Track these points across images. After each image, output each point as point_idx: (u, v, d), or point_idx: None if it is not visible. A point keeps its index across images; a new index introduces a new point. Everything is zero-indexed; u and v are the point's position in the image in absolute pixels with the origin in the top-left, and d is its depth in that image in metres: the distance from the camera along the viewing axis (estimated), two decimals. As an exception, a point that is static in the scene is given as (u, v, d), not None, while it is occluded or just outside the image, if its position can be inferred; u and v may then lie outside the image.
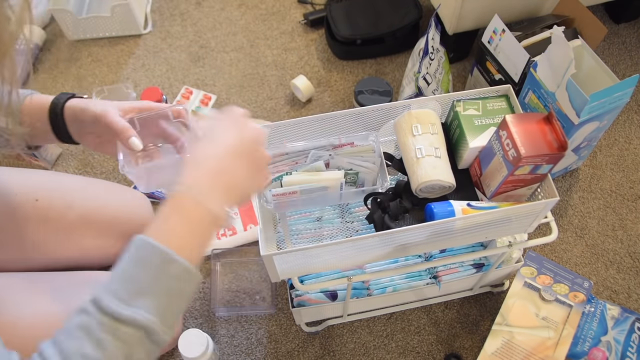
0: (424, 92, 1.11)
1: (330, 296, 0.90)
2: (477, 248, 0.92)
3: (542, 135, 0.69)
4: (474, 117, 0.78)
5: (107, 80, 1.34)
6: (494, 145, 0.72)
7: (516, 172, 0.70)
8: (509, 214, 0.71)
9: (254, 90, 1.31)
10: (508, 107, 0.79)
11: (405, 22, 1.30)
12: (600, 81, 0.97)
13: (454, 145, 0.81)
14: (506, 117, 0.70)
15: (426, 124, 0.76)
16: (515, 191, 0.75)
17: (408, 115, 0.77)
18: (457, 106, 0.78)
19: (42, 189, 0.87)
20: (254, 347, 1.00)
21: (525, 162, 0.68)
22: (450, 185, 0.74)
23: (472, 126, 0.77)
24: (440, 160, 0.74)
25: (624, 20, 1.38)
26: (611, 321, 0.93)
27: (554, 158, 0.69)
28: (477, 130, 0.77)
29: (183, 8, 1.46)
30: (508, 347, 0.87)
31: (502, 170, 0.71)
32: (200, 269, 0.52)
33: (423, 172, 0.73)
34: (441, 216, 0.71)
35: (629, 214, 1.13)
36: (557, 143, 0.69)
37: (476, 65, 1.19)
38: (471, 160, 0.79)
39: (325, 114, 0.79)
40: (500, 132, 0.71)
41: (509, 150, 0.69)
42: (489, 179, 0.75)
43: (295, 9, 1.46)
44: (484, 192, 0.78)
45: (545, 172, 0.72)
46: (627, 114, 1.26)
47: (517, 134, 0.68)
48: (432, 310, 1.03)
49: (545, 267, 0.95)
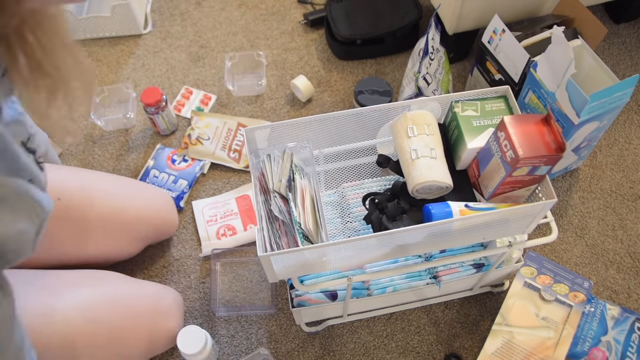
0: (424, 92, 1.11)
1: (330, 296, 0.90)
2: (477, 248, 0.92)
3: (541, 137, 0.69)
4: (472, 118, 0.78)
5: (107, 80, 1.34)
6: (492, 146, 0.72)
7: (514, 174, 0.70)
8: (506, 215, 0.71)
9: (254, 90, 1.31)
10: (506, 108, 0.79)
11: (405, 22, 1.31)
12: (600, 81, 0.97)
13: (452, 146, 0.81)
14: (504, 118, 0.70)
15: (421, 125, 0.76)
16: (513, 192, 0.75)
17: (403, 117, 0.77)
18: (455, 107, 0.78)
19: (65, 187, 0.88)
20: (254, 347, 1.00)
21: (523, 164, 0.68)
22: (447, 185, 0.74)
23: (470, 127, 0.77)
24: (436, 160, 0.74)
25: (624, 20, 1.38)
26: (611, 321, 0.93)
27: (552, 159, 0.69)
28: (475, 131, 0.77)
29: (183, 8, 1.46)
30: (508, 347, 0.87)
31: (500, 171, 0.71)
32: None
33: (418, 174, 0.73)
34: (439, 217, 0.71)
35: (629, 214, 1.13)
36: (555, 144, 0.69)
37: (476, 65, 1.19)
38: (469, 161, 0.79)
39: (325, 114, 0.79)
40: (498, 133, 0.71)
41: (507, 152, 0.69)
42: (487, 180, 0.75)
43: (295, 9, 1.46)
44: (482, 193, 0.78)
45: (544, 174, 0.72)
46: (627, 114, 1.26)
47: (515, 135, 0.68)
48: (432, 310, 1.03)
49: (545, 267, 0.95)
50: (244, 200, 1.14)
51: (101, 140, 1.24)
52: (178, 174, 1.17)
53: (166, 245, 1.10)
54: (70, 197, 0.87)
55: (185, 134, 1.22)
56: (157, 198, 1.02)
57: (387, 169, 0.85)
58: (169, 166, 1.18)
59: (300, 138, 0.80)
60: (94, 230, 0.89)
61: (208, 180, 1.19)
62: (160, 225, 1.01)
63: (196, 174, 1.18)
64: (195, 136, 1.20)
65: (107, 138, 1.24)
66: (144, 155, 1.22)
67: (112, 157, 1.22)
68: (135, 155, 1.22)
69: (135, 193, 0.98)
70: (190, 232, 1.12)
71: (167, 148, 1.21)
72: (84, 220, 0.88)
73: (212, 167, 1.20)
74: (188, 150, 1.19)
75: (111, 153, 1.22)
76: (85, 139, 1.24)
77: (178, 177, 1.17)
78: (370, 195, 0.80)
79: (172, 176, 1.17)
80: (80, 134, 1.20)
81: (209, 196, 1.17)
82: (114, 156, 1.22)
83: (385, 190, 0.80)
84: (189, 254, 1.10)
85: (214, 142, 1.21)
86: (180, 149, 1.20)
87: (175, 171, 1.17)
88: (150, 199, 0.99)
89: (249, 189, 1.16)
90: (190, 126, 1.23)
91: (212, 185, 1.18)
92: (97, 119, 1.22)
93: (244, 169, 1.19)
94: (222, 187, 1.18)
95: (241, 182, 1.18)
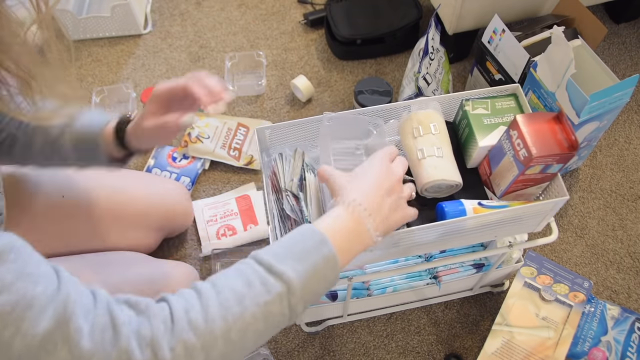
0: (424, 92, 1.11)
1: (330, 296, 0.90)
2: (477, 248, 0.92)
3: (553, 135, 0.69)
4: (483, 116, 0.77)
5: (107, 80, 1.34)
6: (504, 144, 0.72)
7: (527, 172, 0.70)
8: (519, 213, 0.71)
9: (254, 90, 1.31)
10: (517, 106, 0.79)
11: (405, 22, 1.30)
12: (600, 81, 0.97)
13: (463, 145, 0.80)
14: (517, 117, 0.69)
15: (427, 125, 0.76)
16: (525, 190, 0.75)
17: (409, 118, 0.77)
18: (466, 105, 0.78)
19: (68, 185, 0.89)
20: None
21: (536, 162, 0.68)
22: (457, 183, 0.74)
23: (481, 125, 0.77)
24: (443, 159, 0.74)
25: (624, 20, 1.38)
26: (611, 321, 0.93)
27: (565, 157, 0.69)
28: (486, 130, 0.76)
29: (183, 8, 1.46)
30: (508, 347, 0.87)
31: (512, 169, 0.71)
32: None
33: (425, 173, 0.73)
34: (452, 215, 0.70)
35: (629, 214, 1.13)
36: (568, 142, 0.68)
37: (476, 65, 1.19)
38: (480, 159, 0.79)
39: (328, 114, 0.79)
40: (510, 131, 0.71)
41: (520, 150, 0.69)
42: (499, 178, 0.75)
43: (295, 9, 1.46)
44: (493, 191, 0.78)
45: (556, 172, 0.72)
46: (627, 114, 1.26)
47: (528, 133, 0.68)
48: (432, 310, 1.03)
49: (545, 267, 0.94)
50: (244, 201, 1.14)
51: (101, 140, 1.24)
52: (180, 172, 1.17)
53: (166, 245, 1.10)
54: (74, 195, 0.88)
55: (185, 132, 1.22)
56: (169, 190, 1.02)
57: None
58: (170, 164, 1.18)
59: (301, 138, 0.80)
60: (101, 225, 0.90)
61: (208, 180, 1.19)
62: (172, 214, 1.01)
63: (198, 171, 1.18)
64: (195, 134, 1.20)
65: (107, 138, 1.24)
66: (144, 155, 1.21)
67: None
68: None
69: (142, 184, 0.99)
70: (191, 232, 1.12)
71: (166, 146, 1.21)
72: (90, 216, 0.89)
73: (212, 167, 1.20)
74: (188, 149, 1.19)
75: (111, 153, 1.22)
76: (85, 139, 1.24)
77: (180, 175, 1.17)
78: None
79: (174, 174, 1.17)
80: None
81: (209, 196, 1.17)
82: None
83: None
84: (189, 254, 1.10)
85: (213, 140, 1.21)
86: (180, 147, 1.20)
87: (177, 169, 1.17)
88: (161, 192, 1.00)
89: (249, 189, 1.16)
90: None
91: (212, 186, 1.18)
92: (97, 119, 1.22)
93: (244, 166, 1.19)
94: (222, 187, 1.18)
95: (241, 182, 1.18)
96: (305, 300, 0.54)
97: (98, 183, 0.92)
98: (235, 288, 0.51)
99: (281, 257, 0.54)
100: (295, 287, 0.52)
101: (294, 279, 0.52)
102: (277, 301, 0.52)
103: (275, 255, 0.54)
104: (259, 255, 0.54)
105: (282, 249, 0.55)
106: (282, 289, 0.52)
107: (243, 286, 0.51)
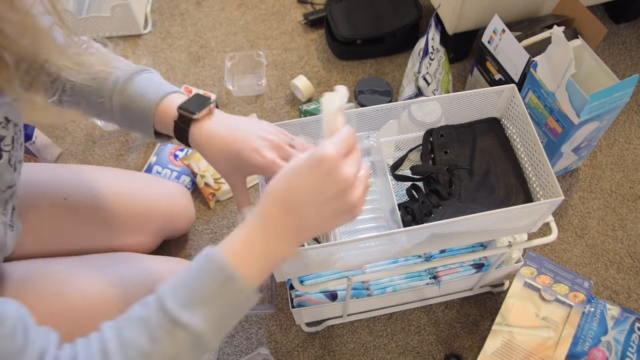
0: (424, 92, 1.11)
1: (330, 296, 0.90)
2: (477, 248, 0.92)
3: None
4: None
5: (107, 80, 1.33)
6: None
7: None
8: (514, 214, 0.71)
9: (254, 90, 1.31)
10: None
11: (405, 22, 1.30)
12: (600, 81, 0.97)
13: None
14: None
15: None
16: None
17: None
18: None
19: (71, 187, 0.89)
20: (254, 347, 1.00)
21: None
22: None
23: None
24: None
25: (624, 20, 1.38)
26: (611, 321, 0.93)
27: None
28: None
29: (183, 8, 1.46)
30: (508, 347, 0.87)
31: None
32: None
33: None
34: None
35: (629, 214, 1.13)
36: None
37: (476, 65, 1.19)
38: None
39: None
40: None
41: None
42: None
43: (295, 9, 1.46)
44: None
45: None
46: (627, 114, 1.26)
47: None
48: (432, 310, 1.03)
49: (545, 267, 0.94)
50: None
51: (101, 140, 1.24)
52: (181, 170, 1.17)
53: (167, 245, 1.10)
54: (77, 197, 0.88)
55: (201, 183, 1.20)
56: (167, 190, 1.02)
57: (397, 174, 0.85)
58: (172, 162, 1.18)
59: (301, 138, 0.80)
60: (104, 227, 0.90)
61: (208, 180, 1.19)
62: (173, 216, 1.00)
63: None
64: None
65: (107, 138, 1.24)
66: (144, 155, 1.21)
67: (112, 157, 1.22)
68: (135, 155, 1.22)
69: (142, 185, 0.98)
70: (191, 232, 1.12)
71: (169, 144, 1.21)
72: (93, 218, 0.89)
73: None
74: (218, 195, 1.16)
75: (111, 153, 1.22)
76: (85, 139, 1.24)
77: (181, 173, 1.16)
78: (413, 186, 0.79)
79: (175, 172, 1.16)
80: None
81: (209, 196, 1.17)
82: (114, 156, 1.22)
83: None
84: (189, 254, 1.10)
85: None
86: (210, 202, 1.16)
87: (178, 167, 1.17)
88: (162, 194, 1.00)
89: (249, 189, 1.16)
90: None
91: (212, 185, 1.18)
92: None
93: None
94: (222, 187, 1.18)
95: (241, 182, 1.18)
96: (219, 337, 0.53)
97: (100, 185, 0.92)
98: (141, 344, 0.49)
99: (188, 303, 0.50)
100: (205, 335, 0.50)
101: (201, 329, 0.50)
102: (186, 350, 0.50)
103: (181, 302, 0.50)
104: (165, 302, 0.50)
105: (188, 291, 0.51)
106: (190, 339, 0.50)
107: (149, 343, 0.49)
